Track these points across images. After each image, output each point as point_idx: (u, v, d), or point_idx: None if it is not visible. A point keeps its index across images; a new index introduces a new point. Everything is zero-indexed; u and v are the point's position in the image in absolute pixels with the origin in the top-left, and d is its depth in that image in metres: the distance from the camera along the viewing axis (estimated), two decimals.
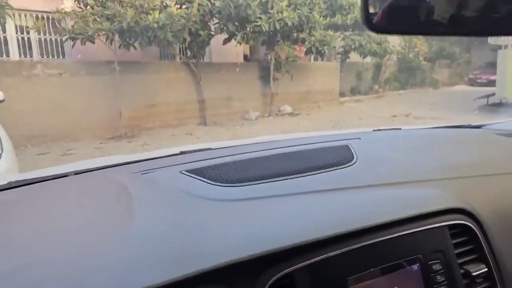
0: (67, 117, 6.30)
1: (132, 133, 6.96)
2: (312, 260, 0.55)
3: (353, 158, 0.85)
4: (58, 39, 6.96)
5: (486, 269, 0.66)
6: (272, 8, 7.32)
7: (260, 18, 7.22)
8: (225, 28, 7.36)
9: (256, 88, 9.30)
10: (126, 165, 0.91)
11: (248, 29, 7.31)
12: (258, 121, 8.61)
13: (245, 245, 0.53)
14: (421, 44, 16.04)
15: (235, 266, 0.50)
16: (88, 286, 0.45)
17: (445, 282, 0.63)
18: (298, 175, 0.76)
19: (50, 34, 7.03)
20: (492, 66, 18.30)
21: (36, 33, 6.77)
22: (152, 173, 0.81)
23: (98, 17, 6.10)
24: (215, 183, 0.72)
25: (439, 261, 0.63)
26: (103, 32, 6.09)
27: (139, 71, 7.22)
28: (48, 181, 0.82)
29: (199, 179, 0.74)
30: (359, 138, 1.04)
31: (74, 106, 6.37)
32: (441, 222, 0.65)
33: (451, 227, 0.66)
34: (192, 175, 0.76)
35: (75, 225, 0.61)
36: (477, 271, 0.65)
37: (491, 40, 7.73)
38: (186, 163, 0.84)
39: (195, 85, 8.05)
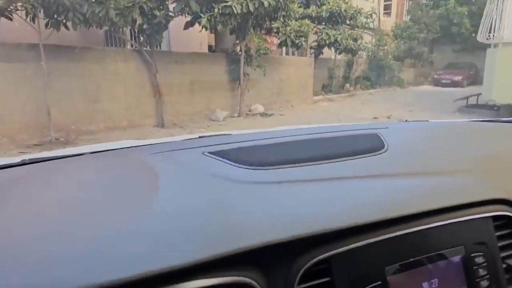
0: None
1: (66, 138, 5.43)
2: (350, 247, 0.51)
3: (383, 146, 0.80)
4: None
5: None
6: None
7: None
8: (187, 8, 6.02)
9: (224, 84, 8.03)
10: (144, 147, 0.87)
11: (216, 10, 6.01)
12: (226, 122, 7.41)
13: (280, 227, 0.49)
14: (390, 42, 15.70)
15: (271, 248, 0.47)
16: (115, 256, 0.42)
17: (487, 276, 0.59)
18: (328, 160, 0.71)
19: None
20: (453, 66, 18.84)
21: None
22: (173, 153, 0.78)
23: None
24: (240, 165, 0.68)
25: (482, 253, 0.60)
26: (19, 4, 4.51)
27: (75, 58, 5.67)
28: (62, 159, 0.78)
29: (222, 161, 0.70)
30: (387, 128, 1.00)
31: None
32: (485, 213, 0.61)
33: (494, 218, 0.62)
34: (215, 156, 0.73)
35: (96, 200, 0.57)
36: None
37: (480, 38, 7.12)
38: (206, 145, 0.79)
39: (150, 77, 6.62)
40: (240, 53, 7.74)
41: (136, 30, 6.44)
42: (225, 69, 8.01)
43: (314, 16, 9.92)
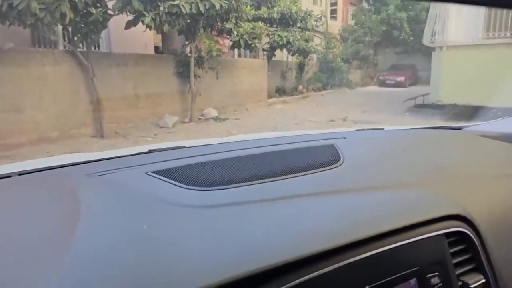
0: None
1: None
2: (301, 280, 0.47)
3: (339, 159, 0.79)
4: None
5: (484, 280, 0.62)
6: None
7: None
8: (128, 5, 5.41)
9: (173, 87, 7.45)
10: (81, 165, 0.76)
11: (161, 9, 5.47)
12: (176, 128, 6.85)
13: (227, 264, 0.45)
14: (338, 45, 16.08)
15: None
16: None
17: None
18: (281, 177, 0.69)
19: None
20: (395, 68, 19.87)
21: None
22: (112, 174, 0.69)
23: None
24: (187, 187, 0.63)
25: (437, 273, 0.58)
26: None
27: None
28: None
29: (168, 182, 0.64)
30: (344, 138, 0.98)
31: None
32: (438, 230, 0.60)
33: (447, 235, 0.62)
34: (160, 176, 0.66)
35: (5, 241, 0.48)
36: (475, 282, 0.61)
37: (426, 41, 7.36)
38: (154, 162, 0.73)
39: (86, 82, 5.86)
40: (190, 54, 7.23)
41: (69, 29, 5.68)
42: (174, 71, 7.44)
43: (265, 17, 9.71)
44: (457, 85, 6.53)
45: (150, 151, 0.84)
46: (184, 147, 0.89)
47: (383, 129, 1.23)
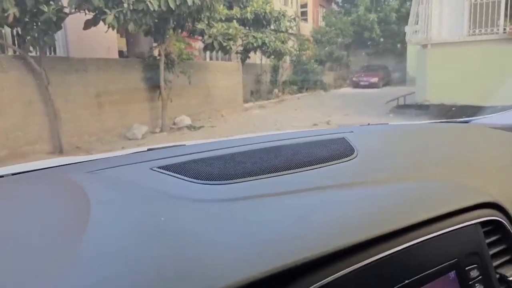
0: None
1: None
2: (334, 276, 0.43)
3: (353, 151, 0.75)
4: None
5: None
6: None
7: None
8: (86, 2, 4.75)
9: (141, 94, 6.79)
10: (78, 164, 0.74)
11: (125, 5, 4.84)
12: (147, 139, 6.22)
13: (250, 260, 0.40)
14: (312, 47, 15.91)
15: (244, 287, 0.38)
16: None
17: None
18: (298, 169, 0.64)
19: None
20: (368, 69, 20.04)
21: None
22: (113, 170, 0.65)
23: None
24: (199, 181, 0.58)
25: (476, 265, 0.55)
26: None
27: None
28: None
29: (176, 177, 0.60)
30: (352, 132, 0.94)
31: None
32: (473, 219, 0.57)
33: (482, 224, 0.58)
34: (166, 171, 0.62)
35: (7, 243, 0.43)
36: None
37: (411, 38, 7.15)
38: (156, 159, 0.67)
39: (39, 90, 5.12)
40: (159, 58, 6.61)
41: (17, 31, 4.93)
42: (142, 76, 6.78)
43: (238, 18, 9.25)
44: (443, 84, 6.34)
45: (148, 150, 0.81)
46: (184, 145, 0.86)
47: (387, 124, 1.23)
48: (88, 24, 5.20)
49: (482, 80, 5.86)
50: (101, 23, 5.07)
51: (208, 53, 11.18)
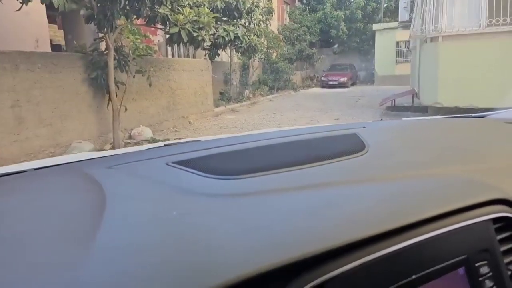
0: None
1: None
2: (345, 268, 0.44)
3: (364, 147, 0.76)
4: None
5: None
6: None
7: None
8: None
9: (83, 100, 5.13)
10: (97, 159, 0.77)
11: None
12: None
13: (263, 252, 0.42)
14: (281, 45, 14.80)
15: (253, 279, 0.39)
16: None
17: (494, 287, 0.53)
18: (309, 165, 0.66)
19: None
20: (335, 68, 19.39)
21: None
22: (131, 165, 0.69)
23: None
24: (213, 176, 0.60)
25: (486, 262, 0.54)
26: None
27: None
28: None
29: (191, 172, 0.62)
30: (364, 127, 0.96)
31: None
32: (484, 215, 0.56)
33: (493, 221, 0.57)
34: (182, 167, 0.64)
35: (27, 235, 0.45)
36: None
37: (416, 31, 6.15)
38: (172, 155, 0.72)
39: None
40: (106, 52, 5.01)
41: None
42: (83, 77, 5.12)
43: (207, 7, 7.78)
44: (459, 83, 5.39)
45: (165, 145, 0.84)
46: (199, 140, 0.88)
47: (401, 119, 1.23)
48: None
49: (505, 78, 4.96)
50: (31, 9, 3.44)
51: (170, 48, 9.58)
